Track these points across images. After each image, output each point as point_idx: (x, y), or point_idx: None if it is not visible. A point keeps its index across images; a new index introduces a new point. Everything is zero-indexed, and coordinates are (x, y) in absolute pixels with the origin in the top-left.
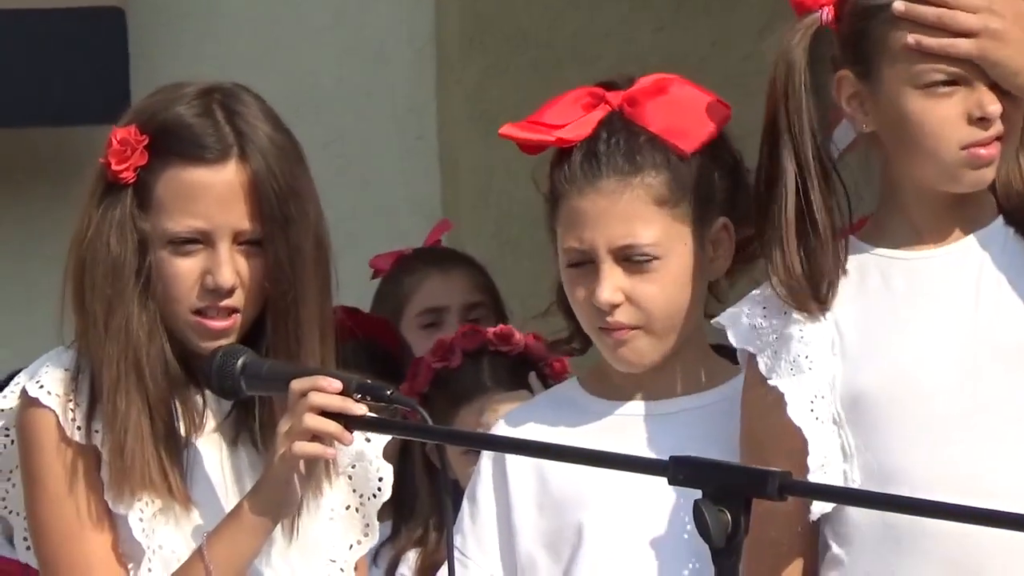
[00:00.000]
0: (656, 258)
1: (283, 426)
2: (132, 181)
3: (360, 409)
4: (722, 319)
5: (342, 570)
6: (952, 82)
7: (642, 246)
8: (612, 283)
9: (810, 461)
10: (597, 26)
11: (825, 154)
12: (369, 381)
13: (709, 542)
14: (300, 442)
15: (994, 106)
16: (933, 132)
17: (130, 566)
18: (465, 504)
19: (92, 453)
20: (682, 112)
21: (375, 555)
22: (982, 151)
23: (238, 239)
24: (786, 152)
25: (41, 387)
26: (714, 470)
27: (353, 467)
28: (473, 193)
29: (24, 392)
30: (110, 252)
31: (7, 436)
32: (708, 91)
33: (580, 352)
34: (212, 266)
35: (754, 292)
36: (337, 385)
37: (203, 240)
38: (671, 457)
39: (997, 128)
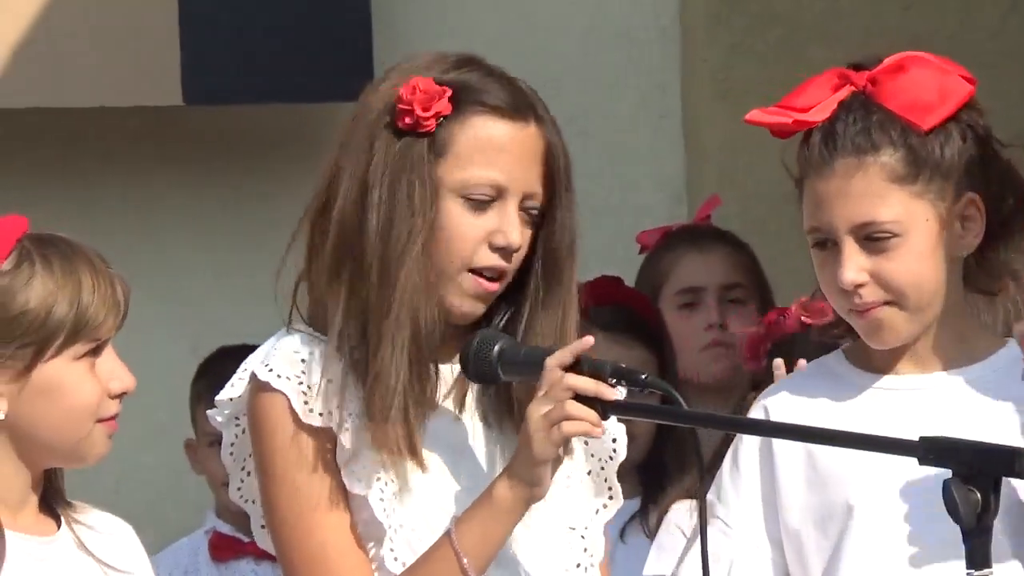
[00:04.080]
0: (896, 235)
1: (538, 407)
2: (432, 130)
3: (614, 393)
4: None
5: (582, 537)
6: None
7: (881, 223)
8: (855, 263)
9: None
10: (844, 4)
11: None
12: (623, 365)
13: (959, 522)
14: (568, 422)
15: None
16: None
17: (370, 545)
18: (726, 473)
19: (325, 435)
20: (921, 89)
21: (621, 531)
22: None
23: (524, 202)
24: None
25: (271, 371)
26: (962, 450)
27: None
28: (718, 172)
29: (254, 377)
30: (408, 199)
31: (238, 425)
32: (954, 66)
33: (841, 337)
34: (502, 225)
35: None
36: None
37: (496, 196)
38: (920, 438)
39: None
